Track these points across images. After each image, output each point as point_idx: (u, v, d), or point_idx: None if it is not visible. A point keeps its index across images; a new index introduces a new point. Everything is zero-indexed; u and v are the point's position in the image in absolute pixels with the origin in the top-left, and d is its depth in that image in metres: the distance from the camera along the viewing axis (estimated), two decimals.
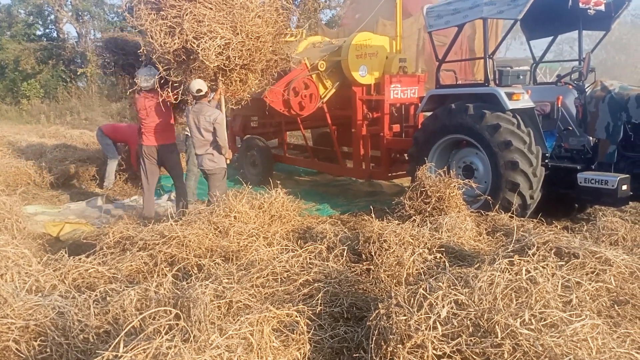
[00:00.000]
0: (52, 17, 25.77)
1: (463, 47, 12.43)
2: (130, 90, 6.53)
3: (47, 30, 26.43)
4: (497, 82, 6.13)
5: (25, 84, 23.38)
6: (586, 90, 6.13)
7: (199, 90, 5.73)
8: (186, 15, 5.42)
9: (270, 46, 6.10)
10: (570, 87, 6.34)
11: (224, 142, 5.91)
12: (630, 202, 5.96)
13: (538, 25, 6.61)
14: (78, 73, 24.23)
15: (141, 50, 5.82)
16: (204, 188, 7.91)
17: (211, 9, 5.56)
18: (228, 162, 6.16)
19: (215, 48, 5.47)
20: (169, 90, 5.98)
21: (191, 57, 5.69)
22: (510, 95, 5.73)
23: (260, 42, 5.83)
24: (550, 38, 7.06)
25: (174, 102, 6.19)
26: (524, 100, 5.81)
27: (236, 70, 5.90)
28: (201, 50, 5.44)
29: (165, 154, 6.53)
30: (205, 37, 5.46)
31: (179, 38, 5.48)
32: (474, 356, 2.35)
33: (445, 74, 6.77)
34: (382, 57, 7.96)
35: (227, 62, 5.68)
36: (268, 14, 5.94)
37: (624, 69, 20.68)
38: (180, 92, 6.08)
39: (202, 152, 5.95)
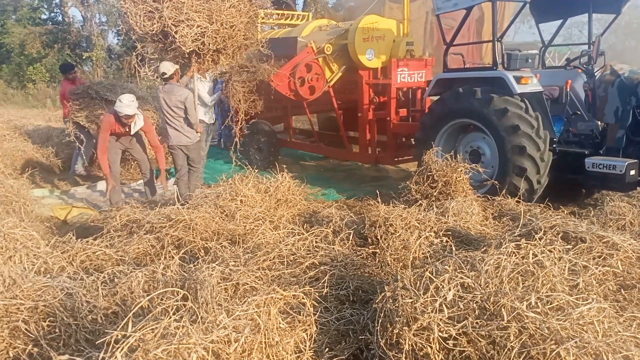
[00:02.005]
0: (57, 0, 25.72)
1: (471, 30, 12.29)
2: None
3: (53, 14, 26.48)
4: (506, 65, 6.06)
5: (30, 68, 23.42)
6: (595, 74, 6.07)
7: (164, 74, 6.14)
8: (165, 2, 5.84)
9: (243, 34, 6.56)
10: (580, 71, 6.27)
11: (195, 118, 6.33)
12: (638, 187, 5.93)
13: (547, 8, 6.52)
14: (84, 57, 24.24)
15: (121, 29, 6.25)
16: (210, 172, 7.95)
17: None
18: (198, 135, 6.51)
19: (192, 35, 5.92)
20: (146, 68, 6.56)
21: (168, 39, 6.10)
22: (518, 79, 5.67)
23: (233, 30, 6.29)
24: (559, 21, 6.96)
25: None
26: (532, 84, 5.75)
27: (209, 53, 6.33)
28: (179, 37, 5.88)
29: None
30: (183, 25, 5.88)
31: (158, 22, 5.90)
32: (479, 338, 2.36)
33: (452, 57, 6.71)
34: (389, 41, 7.87)
35: (201, 47, 6.14)
36: (242, 5, 6.40)
37: (634, 53, 20.46)
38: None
39: (175, 126, 6.32)
